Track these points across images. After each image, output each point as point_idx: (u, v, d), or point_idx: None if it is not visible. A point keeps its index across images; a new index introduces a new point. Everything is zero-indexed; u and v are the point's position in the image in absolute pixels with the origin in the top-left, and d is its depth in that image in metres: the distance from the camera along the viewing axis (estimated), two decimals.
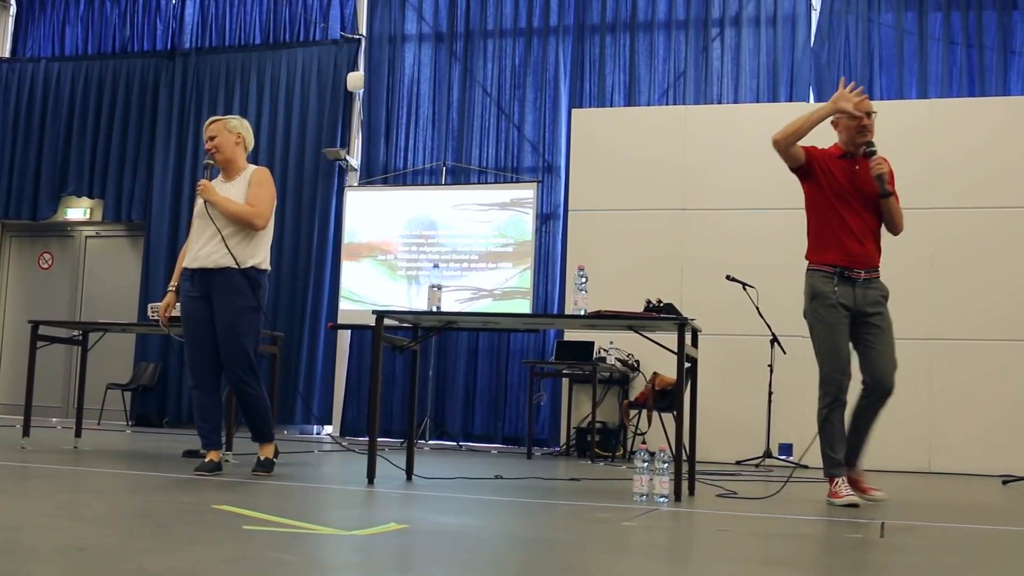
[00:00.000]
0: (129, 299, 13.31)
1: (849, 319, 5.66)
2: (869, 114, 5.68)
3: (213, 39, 13.66)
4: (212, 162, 6.27)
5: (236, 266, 6.07)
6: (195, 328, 6.18)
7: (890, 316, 5.70)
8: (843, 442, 5.65)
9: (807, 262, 5.84)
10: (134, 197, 13.57)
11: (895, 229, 5.76)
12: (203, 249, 6.14)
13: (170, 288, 6.49)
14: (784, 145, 5.69)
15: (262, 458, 6.25)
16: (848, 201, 5.67)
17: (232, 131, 6.30)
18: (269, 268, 6.35)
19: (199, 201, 6.24)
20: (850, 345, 5.70)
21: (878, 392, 5.65)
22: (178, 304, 6.38)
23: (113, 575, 2.77)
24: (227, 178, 6.32)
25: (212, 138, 6.25)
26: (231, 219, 6.10)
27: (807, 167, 5.73)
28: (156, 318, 6.76)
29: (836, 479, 5.59)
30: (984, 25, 10.95)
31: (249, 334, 6.12)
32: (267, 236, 6.30)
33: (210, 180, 6.21)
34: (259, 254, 6.22)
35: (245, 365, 6.09)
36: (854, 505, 5.44)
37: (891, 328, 5.68)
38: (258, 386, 6.17)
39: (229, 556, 3.17)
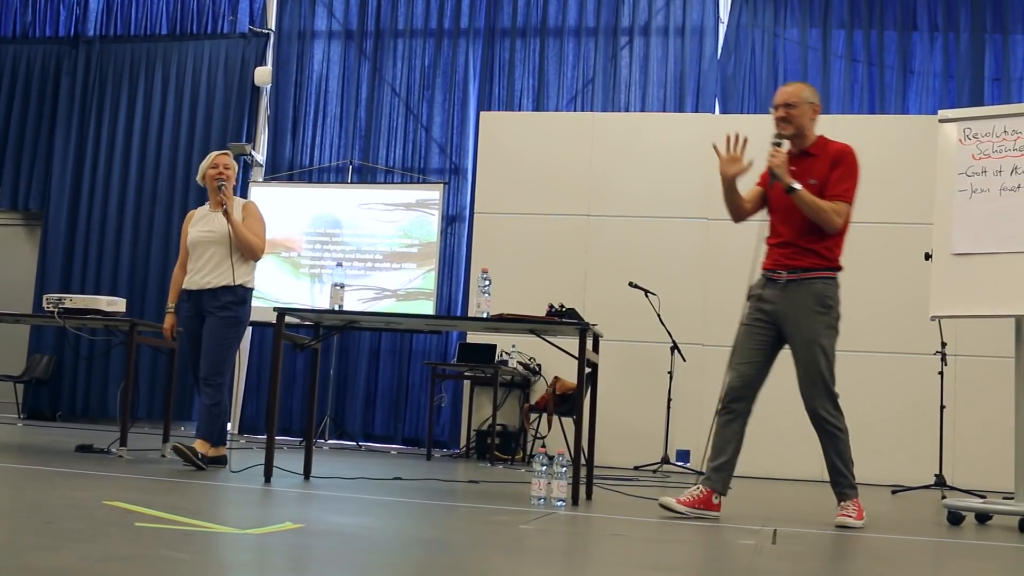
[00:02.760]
0: (24, 289, 13.02)
1: (770, 325, 5.36)
2: (777, 107, 5.37)
3: (118, 27, 13.42)
4: (224, 186, 6.74)
5: (225, 285, 6.61)
6: (193, 341, 6.75)
7: (820, 325, 5.34)
8: (718, 450, 5.27)
9: None
10: (32, 186, 13.29)
11: (823, 225, 5.26)
12: (201, 271, 6.68)
13: (169, 309, 6.94)
14: (738, 219, 5.53)
15: (210, 455, 6.48)
16: (776, 202, 5.41)
17: (235, 171, 7.01)
18: (255, 286, 6.88)
19: (195, 230, 6.77)
20: (758, 352, 5.38)
21: (808, 413, 5.37)
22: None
23: None
24: (216, 208, 6.77)
25: (227, 167, 6.85)
26: (241, 243, 6.61)
27: (772, 198, 5.47)
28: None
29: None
30: (885, 44, 11.20)
31: (226, 343, 6.61)
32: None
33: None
34: (248, 273, 6.76)
35: (215, 366, 6.54)
36: (665, 506, 5.15)
37: (814, 342, 5.33)
38: (219, 383, 6.55)
39: (120, 554, 3.12)
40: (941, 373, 8.41)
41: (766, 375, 5.45)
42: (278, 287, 11.40)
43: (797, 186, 5.20)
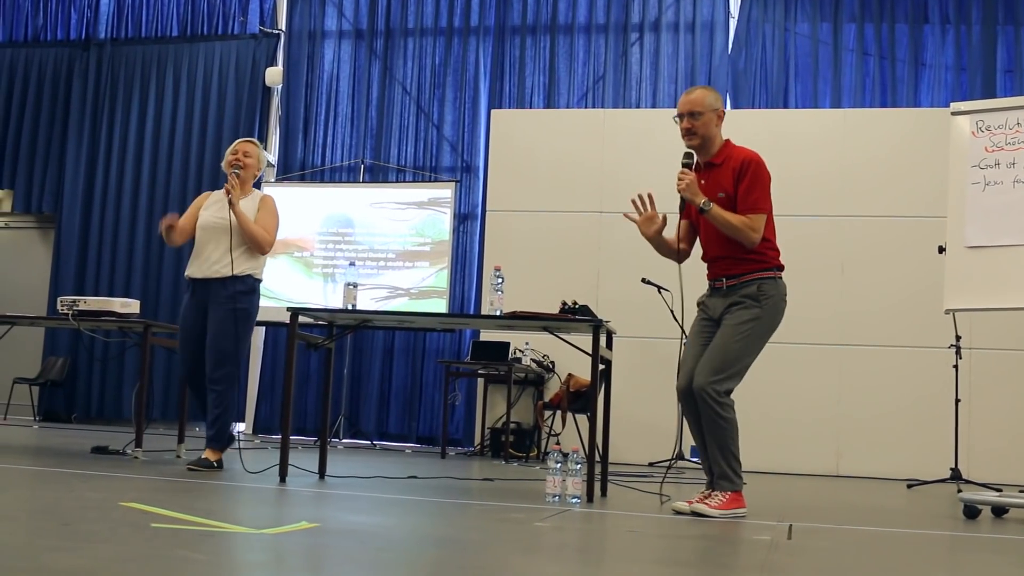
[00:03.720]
0: (38, 292, 13.06)
1: (714, 323, 5.28)
2: (682, 116, 5.41)
3: (129, 30, 13.45)
4: (239, 173, 6.54)
5: (236, 274, 6.39)
6: (190, 337, 6.50)
7: (745, 315, 5.15)
8: (703, 453, 5.26)
9: None
10: (45, 189, 13.33)
11: (740, 241, 5.17)
12: (207, 260, 6.47)
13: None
14: (681, 261, 5.56)
15: (202, 456, 6.35)
16: (697, 221, 5.46)
17: (260, 162, 6.75)
18: (263, 278, 6.67)
19: (206, 213, 6.55)
20: (703, 348, 5.27)
21: (695, 389, 5.15)
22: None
23: (14, 574, 2.72)
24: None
25: (247, 155, 6.62)
26: (246, 235, 6.42)
27: (693, 217, 5.53)
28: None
29: None
30: (896, 38, 11.17)
31: (235, 337, 6.38)
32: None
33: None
34: (258, 265, 6.57)
35: (225, 366, 6.34)
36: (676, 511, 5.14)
37: (734, 327, 5.14)
38: (226, 389, 6.37)
39: (136, 554, 3.12)
40: (956, 366, 8.38)
41: None
42: (291, 287, 11.42)
43: (708, 206, 5.16)
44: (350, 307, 6.27)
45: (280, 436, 6.21)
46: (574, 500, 5.36)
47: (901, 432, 9.63)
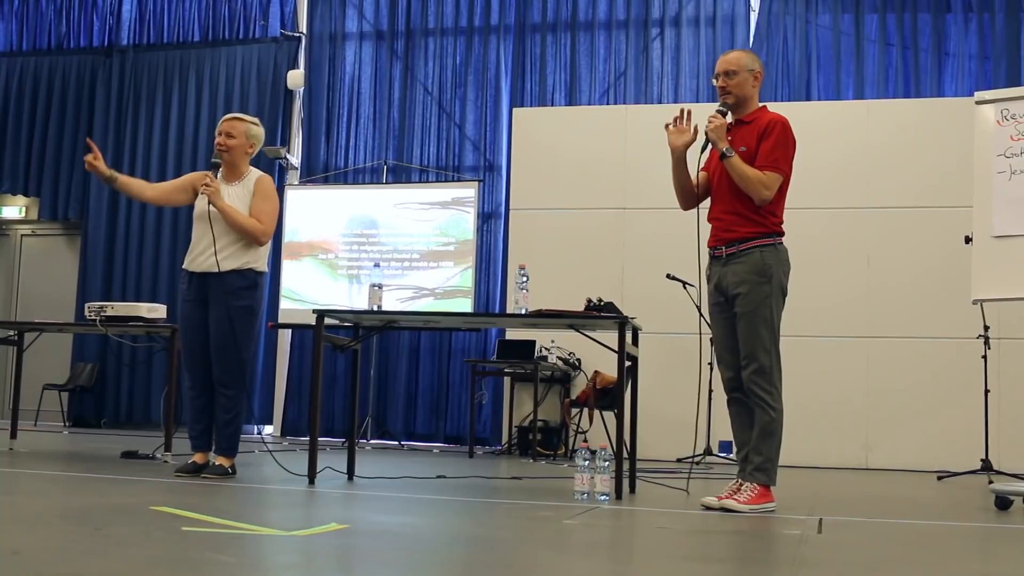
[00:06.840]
0: (66, 298, 13.13)
1: (727, 302, 5.28)
2: (717, 76, 5.35)
3: (151, 36, 13.50)
4: (220, 161, 6.12)
5: (234, 269, 6.03)
6: (192, 333, 6.14)
7: (759, 296, 5.15)
8: (739, 442, 5.29)
9: None
10: (71, 196, 13.39)
11: (751, 195, 5.16)
12: (202, 255, 6.07)
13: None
14: (686, 201, 5.55)
15: (216, 463, 6.10)
16: (713, 172, 5.42)
17: (249, 138, 6.21)
18: (266, 270, 6.28)
19: (200, 201, 6.11)
20: (731, 336, 5.30)
21: (744, 384, 5.22)
22: None
23: None
24: (227, 180, 6.19)
25: (230, 136, 6.14)
26: (235, 229, 6.03)
27: (711, 170, 5.50)
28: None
29: None
30: (919, 27, 11.10)
31: (242, 336, 6.04)
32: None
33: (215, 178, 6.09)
34: (258, 257, 6.16)
35: (233, 368, 6.04)
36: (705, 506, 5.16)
37: (753, 313, 5.14)
38: (238, 393, 6.08)
39: (167, 558, 3.14)
40: (984, 357, 8.33)
41: None
42: (316, 289, 11.44)
43: (730, 152, 5.18)
44: (376, 308, 6.28)
45: (308, 438, 6.22)
46: (603, 497, 5.35)
47: (930, 424, 9.58)
